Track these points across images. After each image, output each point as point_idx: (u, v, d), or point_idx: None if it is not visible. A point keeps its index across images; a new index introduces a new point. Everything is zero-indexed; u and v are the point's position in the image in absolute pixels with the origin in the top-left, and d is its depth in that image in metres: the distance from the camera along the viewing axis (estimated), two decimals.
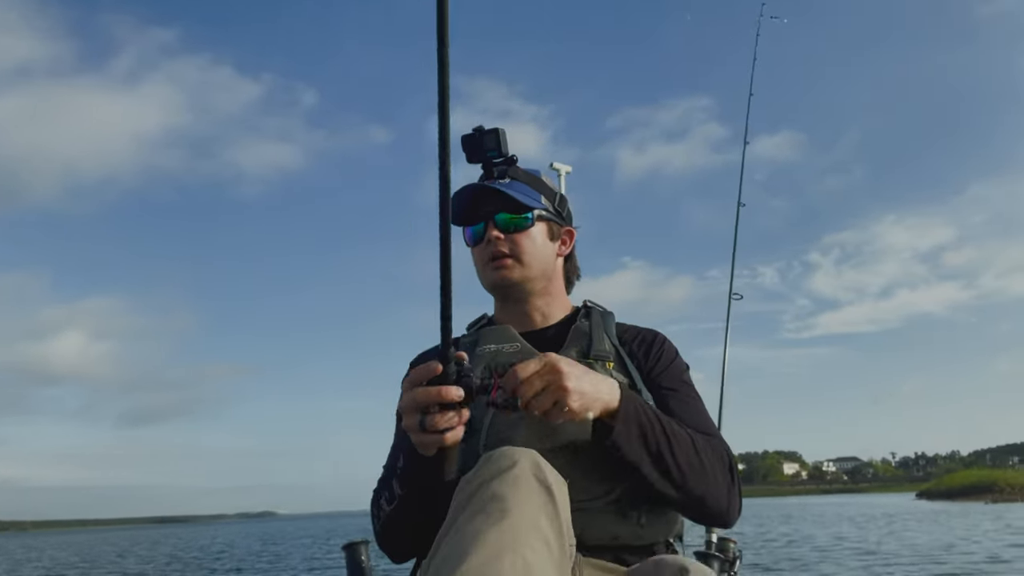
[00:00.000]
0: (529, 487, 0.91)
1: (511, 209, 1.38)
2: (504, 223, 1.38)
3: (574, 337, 1.37)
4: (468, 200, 1.39)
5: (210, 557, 23.12)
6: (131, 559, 25.57)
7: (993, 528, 18.48)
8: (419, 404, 0.99)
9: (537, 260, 1.39)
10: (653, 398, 1.31)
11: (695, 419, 1.30)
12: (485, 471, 0.95)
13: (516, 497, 0.89)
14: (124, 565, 22.40)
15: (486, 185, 1.37)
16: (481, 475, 0.94)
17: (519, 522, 0.86)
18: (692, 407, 1.33)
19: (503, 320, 1.44)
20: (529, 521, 0.87)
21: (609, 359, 1.33)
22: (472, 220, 1.41)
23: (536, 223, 1.40)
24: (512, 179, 1.40)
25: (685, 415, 1.29)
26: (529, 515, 0.88)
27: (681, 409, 1.31)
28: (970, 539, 15.48)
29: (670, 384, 1.35)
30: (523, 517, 0.87)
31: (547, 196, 1.44)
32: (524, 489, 0.90)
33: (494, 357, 1.32)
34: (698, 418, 1.32)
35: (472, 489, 0.93)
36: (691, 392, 1.37)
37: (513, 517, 0.86)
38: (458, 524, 0.90)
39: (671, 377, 1.36)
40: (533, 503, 0.90)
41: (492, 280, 1.40)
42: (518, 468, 0.93)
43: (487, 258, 1.39)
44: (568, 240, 1.48)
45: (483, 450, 1.19)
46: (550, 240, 1.43)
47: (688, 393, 1.36)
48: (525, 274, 1.38)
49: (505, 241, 1.37)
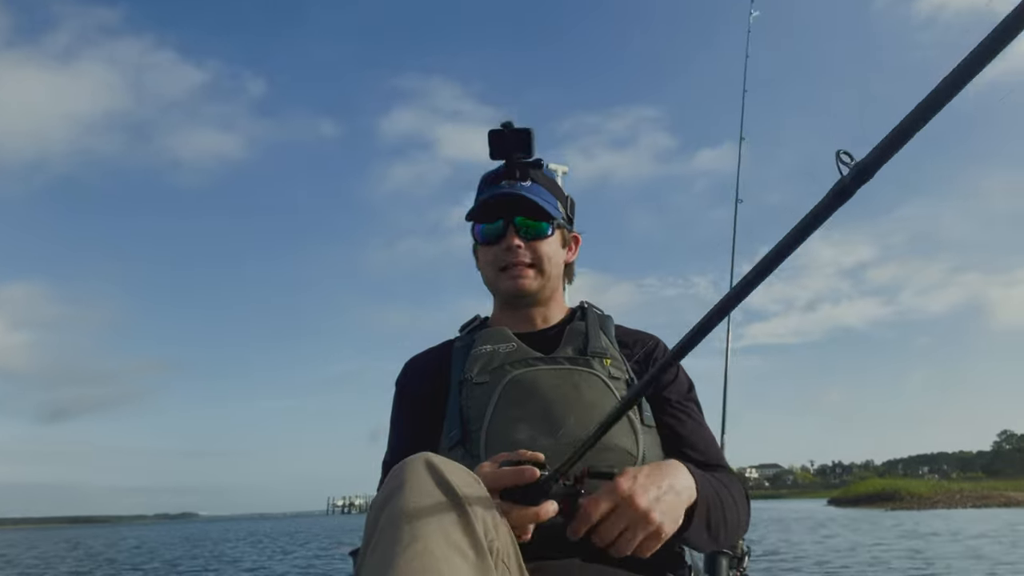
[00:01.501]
0: (435, 498, 0.87)
1: (532, 215, 1.35)
2: (524, 229, 1.35)
3: (570, 336, 1.35)
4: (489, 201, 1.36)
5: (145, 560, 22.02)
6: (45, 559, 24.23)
7: (871, 531, 19.13)
8: (509, 514, 0.96)
9: (554, 269, 1.39)
10: (656, 410, 1.30)
11: (707, 449, 1.30)
12: (388, 490, 0.90)
13: (424, 514, 0.85)
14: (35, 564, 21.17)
15: (514, 192, 1.33)
16: (385, 495, 0.89)
17: (431, 543, 0.82)
18: (704, 435, 1.32)
19: (501, 322, 1.41)
20: (440, 536, 0.83)
21: (607, 356, 1.31)
22: (488, 218, 1.37)
23: (554, 231, 1.38)
24: (534, 182, 1.37)
25: (698, 443, 1.29)
26: (439, 529, 0.84)
27: (693, 436, 1.30)
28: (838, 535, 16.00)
29: (679, 402, 1.33)
30: (432, 534, 0.83)
31: (561, 202, 1.43)
32: (430, 502, 0.86)
33: (490, 358, 1.30)
34: (710, 449, 1.31)
35: (379, 510, 0.88)
36: (699, 415, 1.35)
37: (423, 538, 0.82)
38: (372, 552, 0.85)
39: (677, 392, 1.34)
40: (442, 515, 0.86)
41: (508, 288, 1.36)
42: (418, 479, 0.89)
43: (503, 264, 1.36)
44: (575, 246, 1.47)
45: (484, 451, 1.19)
46: (562, 247, 1.42)
47: (697, 417, 1.34)
48: (542, 284, 1.37)
49: (526, 250, 1.34)
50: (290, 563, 16.03)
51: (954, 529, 18.31)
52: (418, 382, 1.39)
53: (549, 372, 1.27)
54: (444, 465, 0.91)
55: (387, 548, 0.83)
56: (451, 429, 1.26)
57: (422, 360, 1.44)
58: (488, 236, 1.37)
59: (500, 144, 1.33)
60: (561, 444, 1.17)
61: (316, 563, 15.52)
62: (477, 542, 0.86)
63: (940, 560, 10.77)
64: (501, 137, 1.33)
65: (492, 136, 1.33)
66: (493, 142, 1.33)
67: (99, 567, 17.85)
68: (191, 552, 22.70)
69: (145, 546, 29.18)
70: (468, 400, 1.26)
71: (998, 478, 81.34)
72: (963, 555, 11.57)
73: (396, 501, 0.87)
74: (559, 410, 1.21)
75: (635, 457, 1.20)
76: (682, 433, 1.29)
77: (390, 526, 0.85)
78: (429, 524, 0.84)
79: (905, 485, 42.76)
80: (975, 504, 33.68)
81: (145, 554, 23.09)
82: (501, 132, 1.32)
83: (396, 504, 0.86)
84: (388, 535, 0.84)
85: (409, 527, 0.83)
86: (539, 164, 1.37)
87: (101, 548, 29.99)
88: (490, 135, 1.33)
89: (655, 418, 1.29)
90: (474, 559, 0.85)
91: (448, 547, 0.83)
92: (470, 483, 0.92)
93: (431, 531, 0.83)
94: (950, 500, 35.82)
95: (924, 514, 28.93)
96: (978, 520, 22.32)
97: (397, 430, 1.39)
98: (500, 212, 1.36)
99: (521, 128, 1.32)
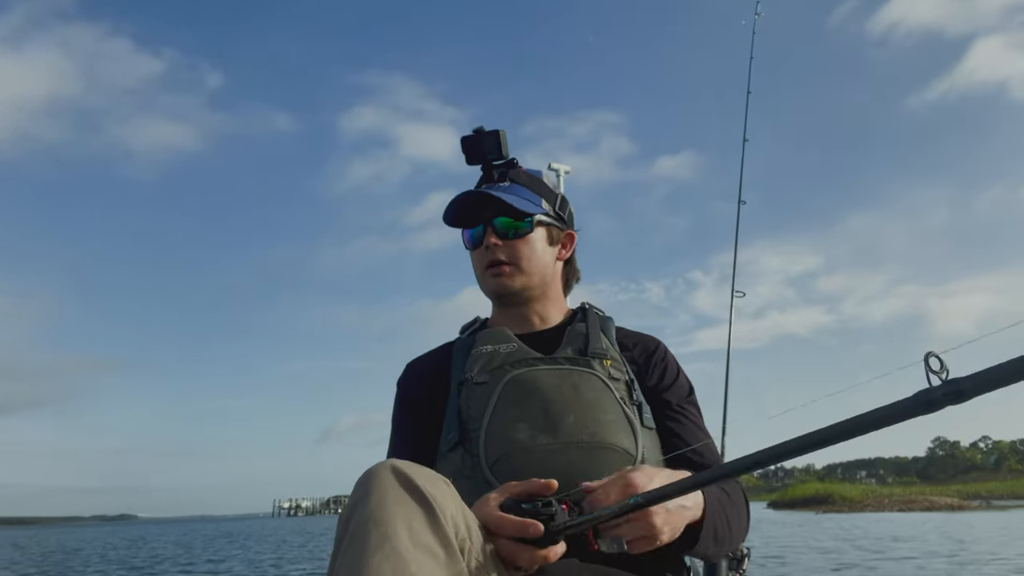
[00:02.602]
0: (401, 501, 0.88)
1: (510, 214, 1.36)
2: (503, 228, 1.36)
3: (570, 337, 1.36)
4: (467, 203, 1.38)
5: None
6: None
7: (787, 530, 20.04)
8: (514, 555, 0.97)
9: (536, 267, 1.38)
10: (656, 412, 1.31)
11: (706, 452, 1.29)
12: (355, 498, 0.91)
13: (391, 517, 0.86)
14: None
15: (484, 192, 1.36)
16: (353, 502, 0.90)
17: (399, 545, 0.83)
18: (703, 439, 1.32)
19: (500, 323, 1.42)
20: (410, 538, 0.85)
21: (606, 356, 1.32)
22: (471, 223, 1.40)
23: (536, 228, 1.38)
24: (512, 182, 1.39)
25: (698, 447, 1.29)
26: (409, 531, 0.85)
27: (693, 440, 1.30)
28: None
29: (678, 405, 1.34)
30: (400, 536, 0.84)
31: (548, 199, 1.42)
32: (397, 505, 0.87)
33: (491, 358, 1.31)
34: (710, 453, 1.30)
35: (347, 517, 0.89)
36: (698, 418, 1.36)
37: (393, 539, 0.84)
38: (342, 558, 0.86)
39: (677, 395, 1.35)
40: (409, 516, 0.87)
41: (491, 287, 1.39)
42: (385, 484, 0.89)
43: (485, 264, 1.38)
44: (568, 244, 1.47)
45: (484, 451, 1.20)
46: (549, 245, 1.41)
47: (697, 420, 1.35)
48: (524, 281, 1.37)
49: (503, 248, 1.36)
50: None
51: (872, 531, 19.45)
52: (418, 385, 1.41)
53: (549, 372, 1.27)
54: (410, 469, 0.92)
55: (356, 552, 0.83)
56: (450, 431, 1.27)
57: (422, 363, 1.45)
58: (473, 241, 1.40)
59: (473, 149, 1.37)
60: (560, 443, 1.19)
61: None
62: (447, 541, 0.87)
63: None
64: (473, 142, 1.36)
65: (465, 142, 1.36)
66: (467, 148, 1.37)
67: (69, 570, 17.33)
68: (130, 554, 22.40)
69: (86, 549, 28.62)
70: (468, 400, 1.27)
71: (930, 482, 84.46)
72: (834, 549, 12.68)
73: (363, 507, 0.87)
74: (558, 409, 1.22)
75: (634, 457, 1.20)
76: (682, 436, 1.30)
77: (359, 531, 0.85)
78: (397, 526, 0.84)
79: (838, 489, 44.25)
80: (901, 508, 35.06)
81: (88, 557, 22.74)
82: (473, 137, 1.35)
83: (364, 510, 0.87)
84: (357, 540, 0.85)
85: (377, 531, 0.84)
86: (513, 164, 1.39)
87: (43, 549, 29.32)
88: (463, 141, 1.36)
89: (655, 420, 1.30)
90: (444, 558, 0.86)
91: (417, 548, 0.84)
92: (438, 485, 0.92)
93: (399, 533, 0.84)
94: (879, 504, 37.27)
95: (854, 516, 30.31)
96: (900, 523, 23.55)
97: (398, 434, 1.40)
98: (481, 216, 1.38)
99: (491, 131, 1.35)
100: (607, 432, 1.21)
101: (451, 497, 0.92)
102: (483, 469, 1.19)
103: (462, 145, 1.36)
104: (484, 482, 1.17)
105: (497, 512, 0.97)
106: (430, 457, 1.28)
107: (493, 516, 0.97)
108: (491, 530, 0.96)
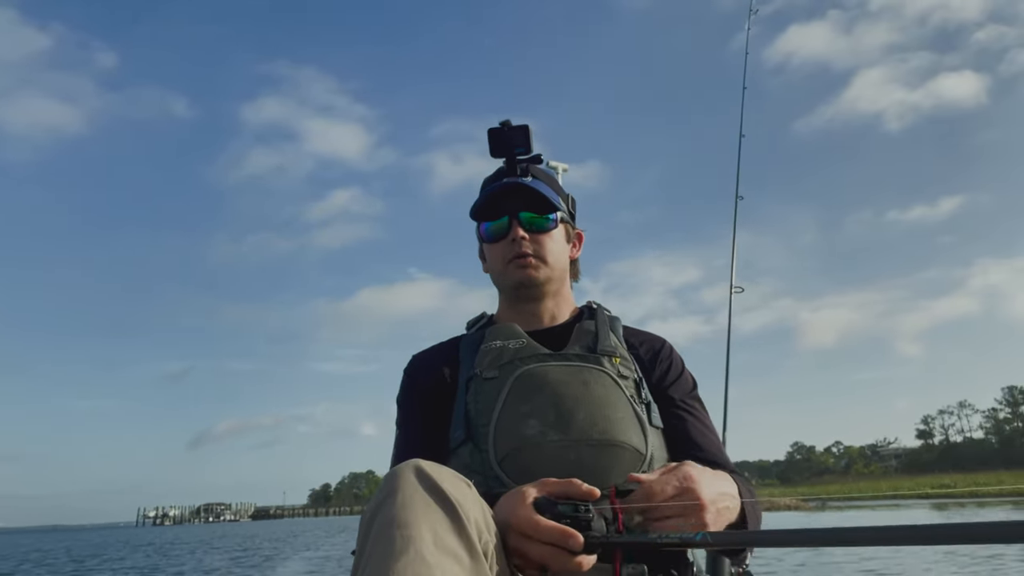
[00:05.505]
0: (426, 504, 0.87)
1: (535, 208, 1.37)
2: (528, 222, 1.37)
3: (579, 334, 1.35)
4: (493, 195, 1.38)
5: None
6: None
7: None
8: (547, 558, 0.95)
9: (558, 262, 1.40)
10: (660, 409, 1.30)
11: (713, 450, 1.29)
12: (379, 499, 0.89)
13: (416, 520, 0.84)
14: None
15: (519, 182, 1.36)
16: (376, 503, 0.89)
17: (423, 548, 0.82)
18: (708, 434, 1.32)
19: (508, 319, 1.41)
20: (434, 542, 0.83)
21: (616, 355, 1.32)
22: (492, 215, 1.40)
23: (558, 224, 1.40)
24: (535, 178, 1.39)
25: (702, 442, 1.29)
26: (433, 535, 0.84)
27: (699, 436, 1.30)
28: None
29: (683, 401, 1.34)
30: (426, 541, 0.83)
31: (563, 198, 1.45)
32: (421, 508, 0.86)
33: (500, 353, 1.31)
34: (716, 450, 1.30)
35: (371, 518, 0.88)
36: (703, 413, 1.36)
37: (417, 543, 0.82)
38: (367, 562, 0.84)
39: (682, 392, 1.35)
40: (434, 520, 0.85)
41: (516, 278, 1.37)
42: (410, 486, 0.88)
43: (511, 256, 1.37)
44: (578, 243, 1.49)
45: (493, 446, 1.19)
46: (566, 242, 1.44)
47: (701, 416, 1.35)
48: (548, 275, 1.38)
49: (531, 242, 1.37)
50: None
51: None
52: (427, 374, 1.39)
53: (559, 368, 1.27)
54: (434, 470, 0.91)
55: (381, 557, 0.82)
56: (458, 426, 1.25)
57: (429, 356, 1.43)
58: (494, 233, 1.39)
59: (500, 141, 1.36)
60: (570, 440, 1.18)
61: None
62: (471, 545, 0.86)
63: None
64: (501, 134, 1.36)
65: (492, 134, 1.36)
66: (493, 140, 1.36)
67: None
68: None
69: None
70: (477, 395, 1.26)
71: (788, 484, 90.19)
72: None
73: (387, 509, 0.86)
74: (568, 406, 1.21)
75: (643, 455, 1.20)
76: (687, 432, 1.30)
77: (382, 534, 0.84)
78: (421, 530, 0.83)
79: None
80: None
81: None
82: (500, 130, 1.35)
83: (387, 512, 0.86)
84: (381, 544, 0.84)
85: (401, 534, 0.83)
86: (539, 159, 1.40)
87: None
88: (490, 133, 1.35)
89: (661, 417, 1.30)
90: (468, 563, 0.85)
91: (441, 552, 0.83)
92: (461, 487, 0.91)
93: (423, 537, 0.83)
94: None
95: None
96: None
97: (410, 424, 1.37)
98: (504, 209, 1.38)
99: (519, 125, 1.35)
100: (617, 429, 1.20)
101: (473, 500, 0.92)
102: (492, 464, 1.18)
103: (489, 136, 1.36)
104: (494, 478, 1.17)
105: (535, 516, 0.95)
106: (443, 450, 1.27)
107: (531, 520, 0.95)
108: (526, 533, 0.95)
